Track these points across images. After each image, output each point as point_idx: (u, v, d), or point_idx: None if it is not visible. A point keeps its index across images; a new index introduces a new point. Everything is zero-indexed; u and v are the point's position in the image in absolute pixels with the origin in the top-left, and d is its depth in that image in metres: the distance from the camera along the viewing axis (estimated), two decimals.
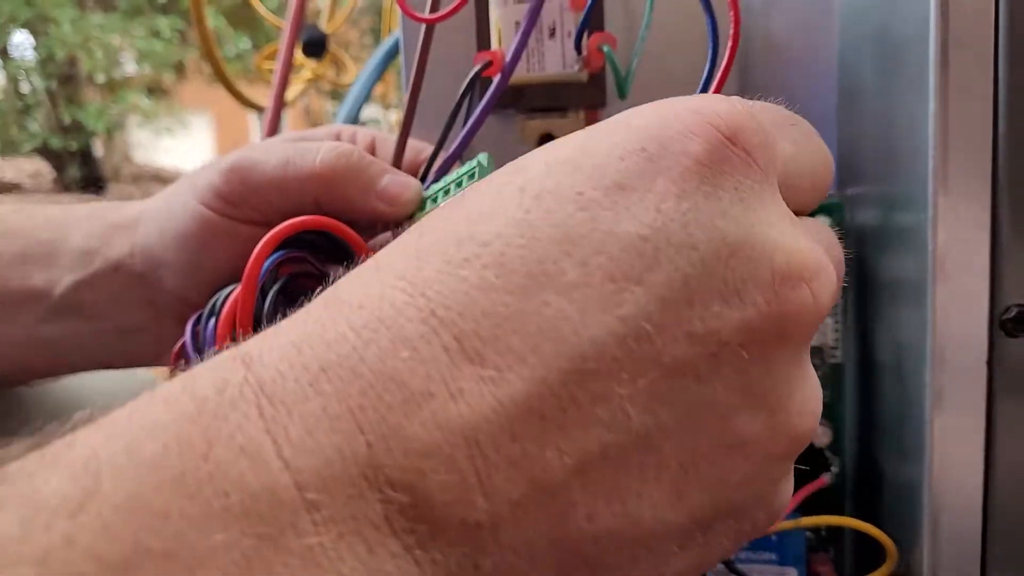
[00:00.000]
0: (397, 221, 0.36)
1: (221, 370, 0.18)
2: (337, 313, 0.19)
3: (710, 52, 0.31)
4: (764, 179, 0.21)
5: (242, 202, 0.37)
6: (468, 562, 0.18)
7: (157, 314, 0.40)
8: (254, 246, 0.32)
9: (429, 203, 0.35)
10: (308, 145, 0.36)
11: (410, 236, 0.22)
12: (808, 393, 0.22)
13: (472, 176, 0.32)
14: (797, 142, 0.24)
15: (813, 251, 0.21)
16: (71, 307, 0.40)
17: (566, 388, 0.18)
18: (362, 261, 0.23)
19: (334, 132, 0.42)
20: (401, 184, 0.36)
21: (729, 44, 0.30)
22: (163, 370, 0.42)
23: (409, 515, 0.17)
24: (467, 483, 0.17)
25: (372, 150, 0.41)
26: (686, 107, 0.21)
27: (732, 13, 0.29)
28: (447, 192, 0.34)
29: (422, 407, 0.17)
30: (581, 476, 0.18)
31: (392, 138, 0.41)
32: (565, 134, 0.43)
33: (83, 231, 0.40)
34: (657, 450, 0.19)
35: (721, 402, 0.20)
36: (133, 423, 0.17)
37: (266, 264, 0.32)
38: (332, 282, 0.22)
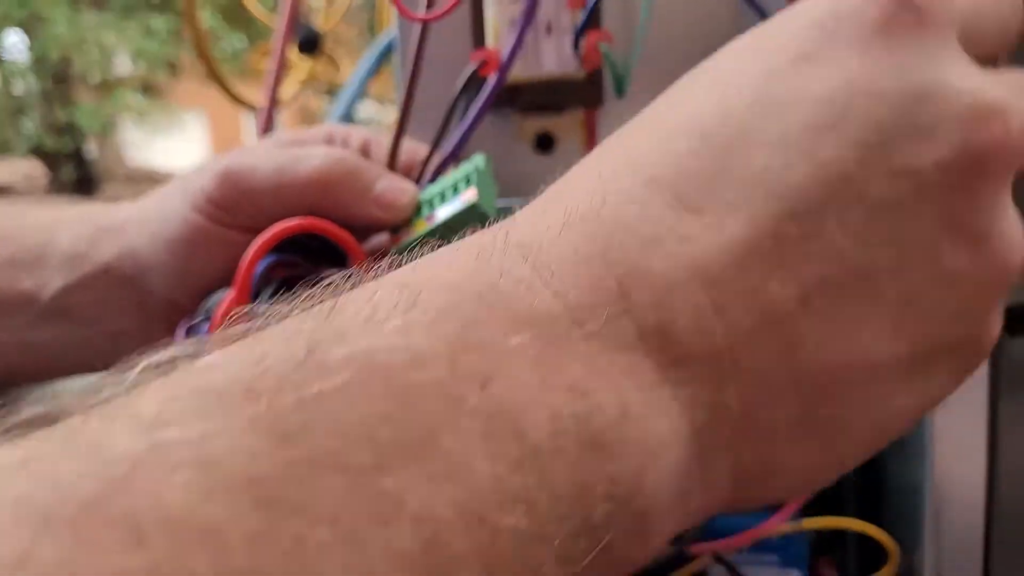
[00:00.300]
0: (393, 226, 0.36)
1: (487, 234, 0.21)
2: (565, 187, 0.22)
3: None
4: (940, 33, 0.22)
5: (235, 208, 0.36)
6: (712, 387, 0.20)
7: (147, 318, 0.40)
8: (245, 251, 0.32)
9: (425, 208, 0.34)
10: (302, 151, 0.36)
11: (618, 132, 0.24)
12: (1011, 225, 0.22)
13: (468, 181, 0.32)
14: None
15: (997, 91, 0.22)
16: (60, 311, 0.40)
17: (780, 227, 0.20)
18: (357, 265, 0.24)
19: (327, 132, 0.41)
20: (397, 189, 0.35)
21: None
22: None
23: (657, 339, 0.19)
24: (703, 312, 0.20)
25: (366, 151, 0.41)
26: None
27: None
28: (443, 197, 0.34)
29: (657, 248, 0.20)
30: (805, 305, 0.20)
31: (387, 139, 0.41)
32: (563, 133, 0.43)
33: (71, 234, 0.40)
34: (873, 281, 0.21)
35: (927, 235, 0.21)
36: (431, 262, 0.20)
37: (259, 268, 0.32)
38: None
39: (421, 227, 0.34)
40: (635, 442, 0.18)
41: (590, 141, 0.43)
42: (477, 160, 0.33)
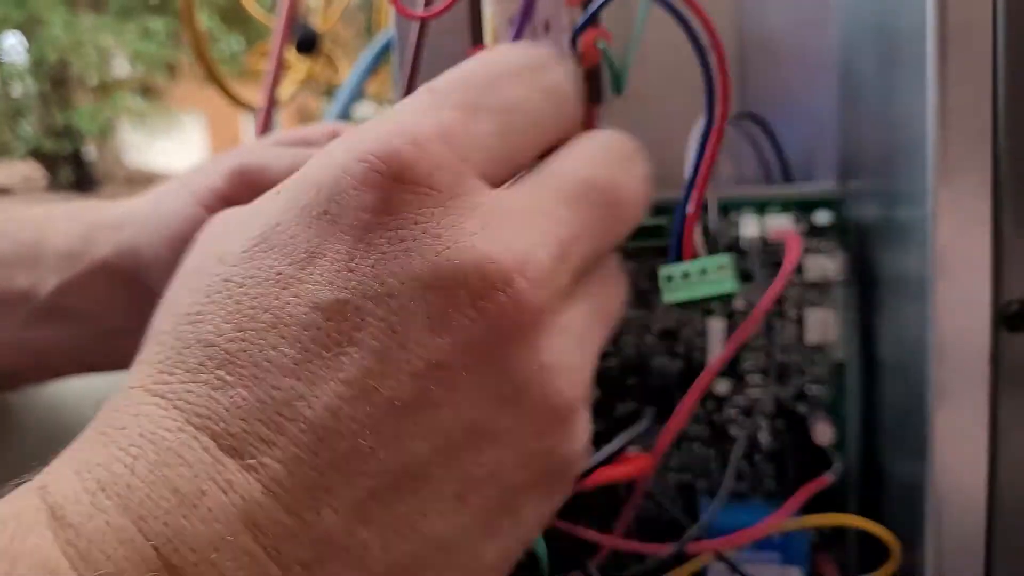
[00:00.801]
0: None
1: (21, 499, 0.19)
2: (107, 438, 0.20)
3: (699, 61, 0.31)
4: (450, 195, 0.22)
5: None
6: None
7: (144, 316, 0.40)
8: None
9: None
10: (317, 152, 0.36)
11: (149, 343, 0.23)
12: (552, 372, 0.23)
13: (721, 268, 0.32)
14: (508, 101, 0.25)
15: (513, 245, 0.22)
16: (57, 309, 0.39)
17: (317, 456, 0.20)
18: None
19: (328, 130, 0.41)
20: None
21: (713, 52, 0.30)
22: None
23: None
24: (258, 560, 0.19)
25: None
26: (349, 155, 0.22)
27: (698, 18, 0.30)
28: (687, 275, 0.33)
29: (198, 506, 0.19)
30: (363, 521, 0.20)
31: None
32: None
33: (63, 232, 0.40)
34: (423, 475, 0.21)
35: (466, 414, 0.21)
36: None
37: None
38: None
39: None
40: None
41: None
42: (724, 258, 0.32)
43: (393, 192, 0.22)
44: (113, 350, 0.41)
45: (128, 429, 0.20)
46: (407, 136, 0.22)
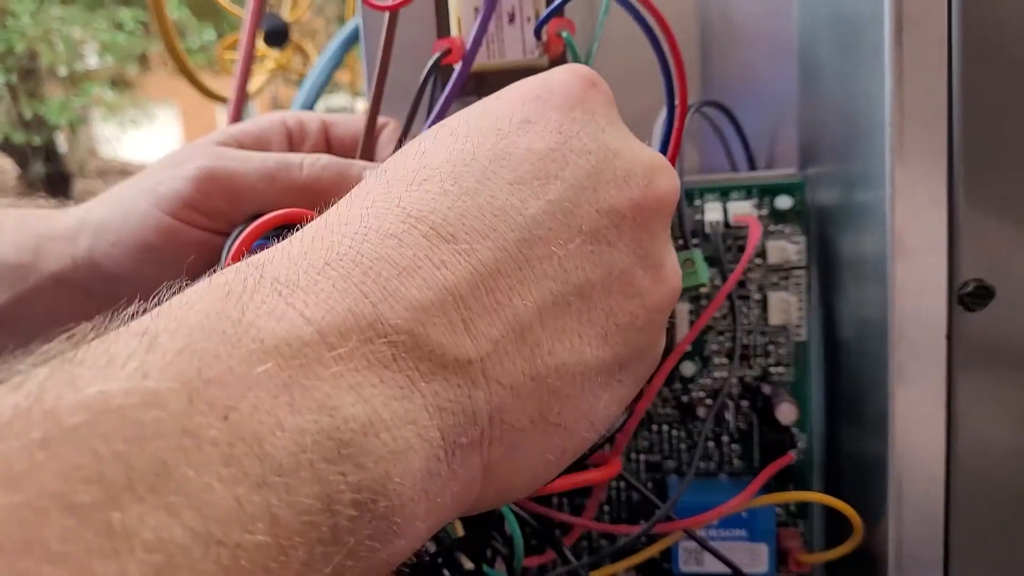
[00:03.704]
0: None
1: (238, 273, 0.21)
2: (328, 231, 0.23)
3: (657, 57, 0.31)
4: (615, 109, 0.29)
5: (217, 213, 0.36)
6: (463, 393, 0.22)
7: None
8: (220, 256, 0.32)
9: None
10: (285, 158, 0.36)
11: (373, 176, 0.26)
12: (673, 257, 0.29)
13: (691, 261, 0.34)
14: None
15: (660, 155, 0.29)
16: (8, 322, 0.38)
17: (520, 252, 0.24)
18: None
19: (279, 120, 0.41)
20: None
21: (667, 45, 0.31)
22: None
23: (413, 355, 0.21)
24: (456, 327, 0.22)
25: (326, 134, 0.41)
26: (563, 69, 0.29)
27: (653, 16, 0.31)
28: None
29: (414, 275, 0.22)
30: (540, 318, 0.24)
31: (341, 116, 0.41)
32: None
33: (10, 243, 0.38)
34: (588, 298, 0.25)
35: (625, 260, 0.26)
36: (173, 306, 0.20)
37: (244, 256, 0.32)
38: None
39: None
40: (379, 450, 0.20)
41: None
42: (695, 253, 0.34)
43: (591, 89, 0.28)
44: None
45: (351, 224, 0.23)
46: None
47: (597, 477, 0.35)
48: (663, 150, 0.34)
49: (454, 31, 0.38)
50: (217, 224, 0.36)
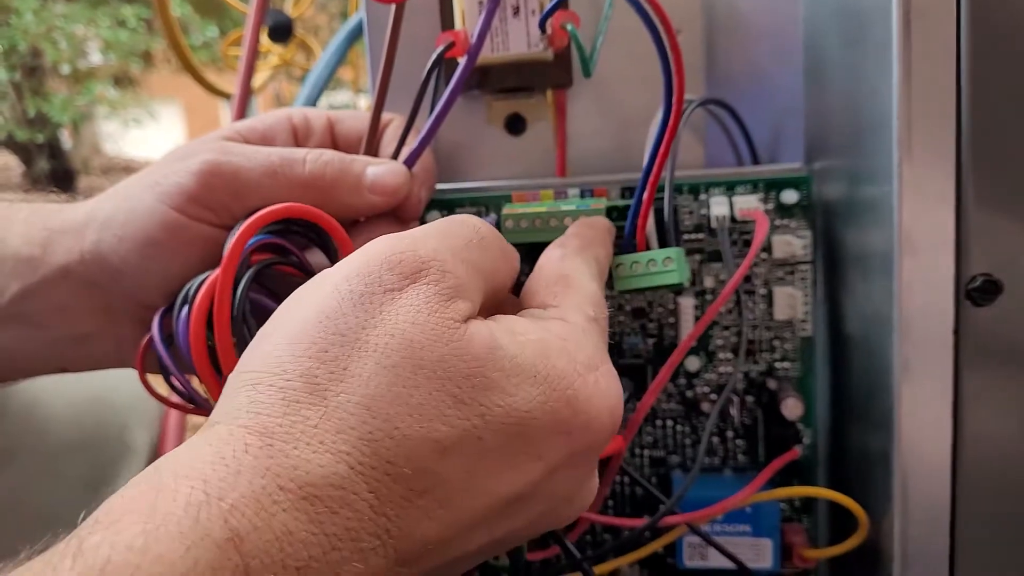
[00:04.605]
0: (390, 208, 0.37)
1: (220, 555, 0.20)
2: (315, 514, 0.22)
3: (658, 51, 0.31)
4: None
5: (221, 208, 0.36)
6: None
7: (113, 319, 0.39)
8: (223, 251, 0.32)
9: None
10: (289, 153, 0.36)
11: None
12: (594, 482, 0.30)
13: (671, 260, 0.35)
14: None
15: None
16: (18, 316, 0.38)
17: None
18: (343, 254, 0.28)
19: (284, 116, 0.41)
20: (389, 173, 0.36)
21: (667, 41, 0.31)
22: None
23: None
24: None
25: (331, 130, 0.41)
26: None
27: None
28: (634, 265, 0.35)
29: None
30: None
31: (347, 113, 0.41)
32: (533, 115, 0.43)
33: (21, 237, 0.38)
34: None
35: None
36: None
37: (243, 249, 0.32)
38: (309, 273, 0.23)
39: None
40: None
41: (560, 122, 0.43)
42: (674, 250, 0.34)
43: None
44: (82, 353, 0.40)
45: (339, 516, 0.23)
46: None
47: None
48: (657, 146, 0.34)
49: (458, 24, 0.38)
50: (221, 219, 0.36)
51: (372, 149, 0.39)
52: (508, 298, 0.32)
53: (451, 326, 0.25)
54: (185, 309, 0.34)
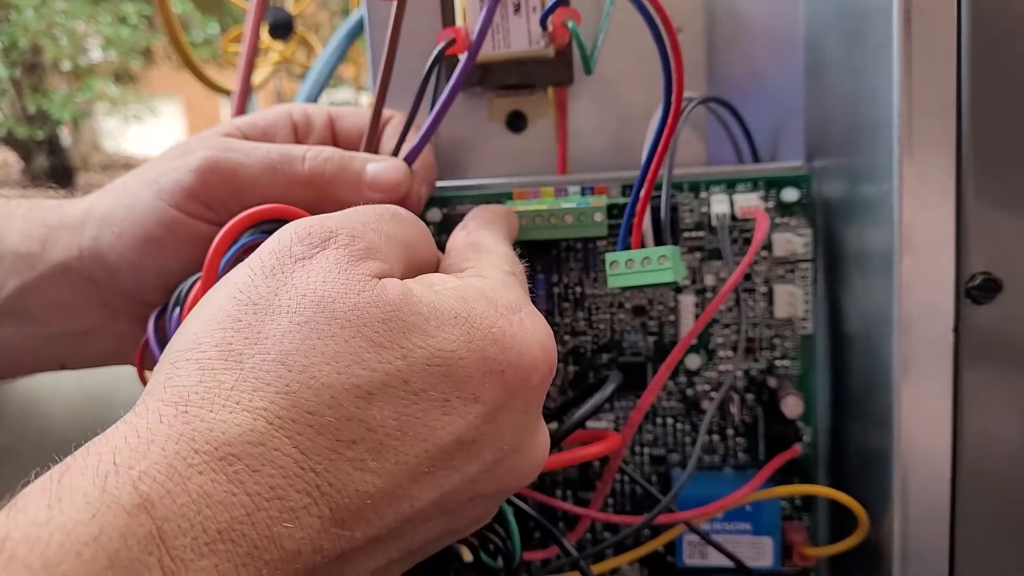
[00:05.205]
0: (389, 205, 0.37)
1: (130, 521, 0.19)
2: (234, 474, 0.21)
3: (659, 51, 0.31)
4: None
5: (219, 205, 0.36)
6: None
7: (112, 316, 0.39)
8: None
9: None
10: (289, 150, 0.36)
11: None
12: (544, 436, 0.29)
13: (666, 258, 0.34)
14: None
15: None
16: (17, 312, 0.38)
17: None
18: None
19: (284, 112, 0.41)
20: (389, 170, 0.36)
21: (667, 39, 0.31)
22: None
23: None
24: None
25: (332, 127, 0.41)
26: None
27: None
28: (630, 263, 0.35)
29: (295, 563, 0.21)
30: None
31: (347, 109, 0.41)
32: (534, 112, 0.43)
33: (19, 232, 0.38)
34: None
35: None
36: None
37: (231, 250, 0.32)
38: None
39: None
40: None
41: (561, 119, 0.43)
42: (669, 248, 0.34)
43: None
44: (81, 349, 0.40)
45: (259, 472, 0.22)
46: None
47: (598, 451, 0.35)
48: (655, 144, 0.34)
49: (459, 21, 0.38)
50: (220, 216, 0.36)
51: (372, 146, 0.39)
52: None
53: (362, 279, 0.25)
54: (177, 311, 0.34)
